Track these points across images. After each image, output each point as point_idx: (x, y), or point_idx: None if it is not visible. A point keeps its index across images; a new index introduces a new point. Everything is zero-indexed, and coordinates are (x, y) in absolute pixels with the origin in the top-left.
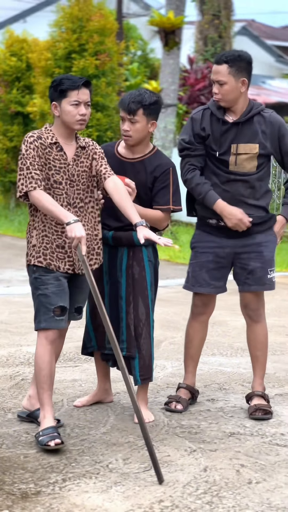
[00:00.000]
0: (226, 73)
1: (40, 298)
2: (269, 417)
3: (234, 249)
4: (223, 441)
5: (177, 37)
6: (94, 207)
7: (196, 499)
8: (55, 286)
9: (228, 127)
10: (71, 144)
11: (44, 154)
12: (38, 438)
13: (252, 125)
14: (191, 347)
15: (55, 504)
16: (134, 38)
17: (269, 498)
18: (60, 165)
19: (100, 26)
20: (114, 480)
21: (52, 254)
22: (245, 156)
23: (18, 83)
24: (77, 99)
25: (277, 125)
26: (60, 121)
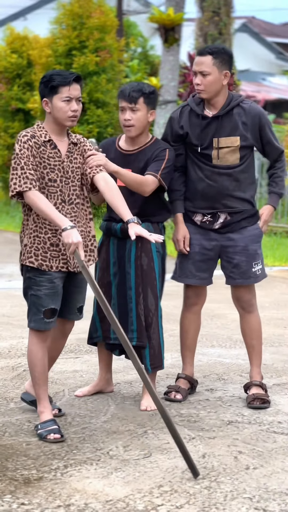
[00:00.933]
0: (211, 64)
1: (32, 298)
2: (267, 406)
3: (220, 242)
4: (221, 429)
5: (177, 34)
6: (85, 204)
7: (194, 484)
8: (48, 289)
9: (208, 121)
10: (63, 140)
11: (39, 153)
12: (37, 431)
13: (232, 117)
14: (187, 338)
15: (57, 489)
16: (134, 35)
17: (266, 483)
18: (55, 162)
19: (100, 23)
20: (115, 466)
21: (44, 254)
22: (227, 149)
23: (19, 80)
24: (68, 95)
25: (257, 115)
26: (52, 117)
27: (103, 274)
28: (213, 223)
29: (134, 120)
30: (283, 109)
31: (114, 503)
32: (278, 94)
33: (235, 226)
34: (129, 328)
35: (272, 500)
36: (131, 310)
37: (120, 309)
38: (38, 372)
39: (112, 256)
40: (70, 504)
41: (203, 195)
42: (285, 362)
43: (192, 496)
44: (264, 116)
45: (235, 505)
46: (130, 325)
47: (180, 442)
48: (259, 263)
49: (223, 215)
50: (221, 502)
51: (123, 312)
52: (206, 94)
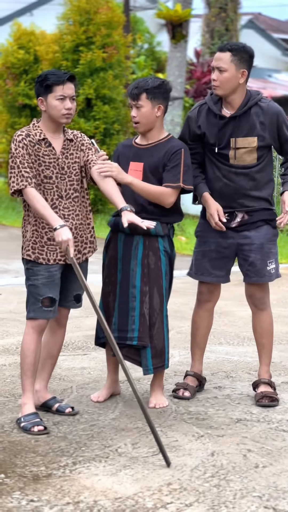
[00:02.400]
0: (228, 61)
1: (30, 288)
2: (275, 404)
3: (236, 240)
4: (230, 427)
5: (184, 30)
6: (85, 196)
7: (204, 482)
8: (45, 278)
9: (225, 121)
10: (59, 137)
11: (34, 151)
12: (20, 424)
13: (249, 117)
14: (197, 335)
15: (66, 486)
16: (141, 31)
17: (275, 482)
18: (50, 160)
19: (107, 19)
20: (123, 463)
21: (42, 248)
22: (244, 150)
23: (26, 75)
24: (62, 93)
25: (275, 114)
26: (47, 115)
27: (110, 272)
28: (230, 221)
29: (139, 117)
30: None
31: (123, 500)
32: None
33: (252, 225)
34: (129, 328)
35: (282, 499)
36: (133, 309)
37: (121, 308)
38: (28, 363)
39: (119, 252)
40: (79, 501)
41: (221, 194)
42: None
43: (201, 494)
44: (282, 114)
45: (245, 503)
46: (131, 324)
47: (153, 428)
48: (273, 262)
49: (241, 214)
50: (231, 500)
51: (124, 310)
52: (221, 90)
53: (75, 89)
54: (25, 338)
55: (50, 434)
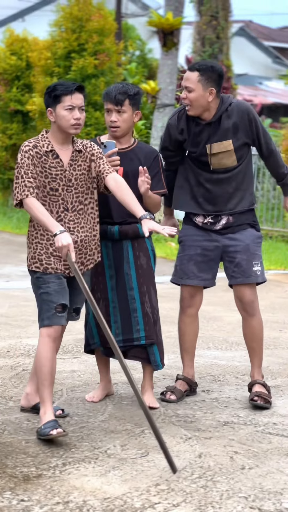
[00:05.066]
0: (196, 81)
1: (43, 296)
2: (268, 407)
3: (222, 243)
4: (217, 429)
5: (176, 38)
6: (94, 207)
7: (191, 483)
8: (57, 285)
9: (201, 128)
10: (67, 149)
11: (40, 163)
12: (39, 432)
13: (221, 122)
14: (184, 341)
15: (56, 486)
16: (132, 38)
17: (261, 483)
18: (57, 172)
19: (99, 26)
20: (112, 464)
21: (48, 259)
22: (221, 154)
23: (18, 81)
24: (70, 103)
25: (245, 112)
26: (56, 126)
27: (97, 279)
28: (215, 224)
29: (120, 121)
30: (280, 113)
31: (112, 500)
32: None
33: (237, 227)
34: (134, 329)
35: (267, 500)
36: (135, 310)
37: (122, 311)
38: (45, 373)
39: (107, 259)
40: (68, 501)
41: (204, 199)
42: (280, 365)
43: (189, 495)
44: (251, 111)
45: (231, 504)
46: (136, 325)
47: (159, 438)
48: (259, 264)
49: (225, 217)
50: (217, 501)
51: (125, 314)
52: (192, 110)
53: (84, 100)
54: (41, 347)
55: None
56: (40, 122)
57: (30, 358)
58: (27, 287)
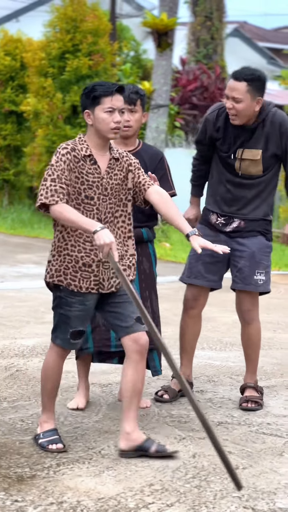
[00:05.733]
0: (244, 91)
1: (61, 317)
2: (258, 408)
3: (229, 245)
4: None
5: (170, 39)
6: (125, 221)
7: (185, 483)
8: (79, 310)
9: (238, 131)
10: (105, 155)
11: (77, 168)
12: (37, 441)
13: (257, 130)
14: (183, 341)
15: (50, 486)
16: (127, 39)
17: (254, 483)
18: (94, 179)
19: (93, 27)
20: (106, 465)
21: (74, 274)
22: (248, 161)
23: (12, 82)
24: (111, 105)
25: (278, 122)
26: (94, 130)
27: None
28: (226, 226)
29: (133, 121)
30: None
31: (106, 500)
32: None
33: (247, 233)
34: None
35: (260, 499)
36: None
37: None
38: (50, 388)
39: None
40: (62, 502)
41: (222, 198)
42: (274, 365)
43: (183, 495)
44: (286, 123)
45: (225, 503)
46: None
47: (220, 450)
48: (263, 273)
49: (238, 221)
50: (211, 500)
51: None
52: (238, 120)
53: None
54: (49, 361)
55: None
56: (35, 123)
57: (24, 359)
58: (22, 288)
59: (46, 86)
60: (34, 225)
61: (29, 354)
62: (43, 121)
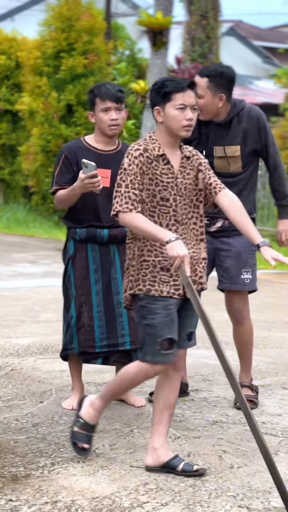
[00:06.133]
0: (205, 87)
1: (147, 328)
2: (253, 408)
3: (214, 245)
4: (206, 428)
5: (165, 38)
6: (197, 223)
7: (179, 482)
8: (163, 316)
9: (210, 129)
10: (176, 153)
11: (150, 169)
12: (73, 430)
13: (232, 126)
14: None
15: (44, 486)
16: (122, 37)
17: (249, 482)
18: (168, 179)
19: (88, 26)
20: (101, 464)
21: (153, 279)
22: (227, 159)
23: (7, 81)
24: (182, 102)
25: (255, 118)
26: (164, 127)
27: (82, 283)
28: (210, 226)
29: (120, 119)
30: (270, 113)
31: (100, 500)
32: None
33: (232, 232)
34: (119, 333)
35: (255, 498)
36: (120, 315)
37: (108, 316)
38: (122, 391)
39: (93, 263)
40: (57, 501)
41: None
42: (269, 364)
43: (177, 494)
44: (263, 118)
45: (219, 503)
46: (121, 330)
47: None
48: (250, 272)
49: (222, 220)
50: (206, 500)
51: (111, 318)
52: (202, 115)
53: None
54: (133, 377)
55: (29, 435)
56: (30, 122)
57: (19, 358)
58: (17, 287)
59: (41, 85)
60: (29, 224)
61: (24, 353)
62: (38, 120)
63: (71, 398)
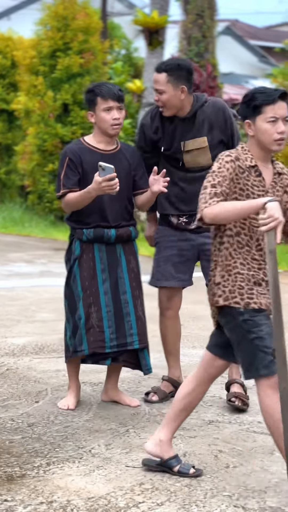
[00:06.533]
0: (165, 82)
1: (256, 342)
2: (245, 409)
3: (197, 241)
4: (202, 428)
5: (161, 37)
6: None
7: (175, 482)
8: (268, 326)
9: (175, 125)
10: (268, 167)
11: (242, 179)
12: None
13: (196, 118)
14: (166, 343)
15: (40, 486)
16: (118, 37)
17: (245, 481)
18: (259, 192)
19: (84, 25)
20: (97, 464)
21: (250, 292)
22: (196, 151)
23: (3, 80)
24: (273, 114)
25: (221, 110)
26: (255, 141)
27: (90, 283)
28: (189, 223)
29: (121, 118)
30: None
31: (96, 500)
32: None
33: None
34: (127, 333)
35: (251, 498)
36: (128, 314)
37: (116, 316)
38: (278, 427)
39: (100, 263)
40: (52, 501)
41: (178, 198)
42: None
43: (173, 494)
44: (228, 109)
45: (215, 502)
46: (129, 329)
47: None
48: None
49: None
50: (201, 499)
51: (119, 318)
52: (167, 111)
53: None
54: (267, 401)
55: (24, 435)
56: (26, 121)
57: (14, 358)
58: (13, 287)
59: (37, 84)
60: (25, 224)
61: (19, 353)
62: (34, 120)
63: (67, 398)
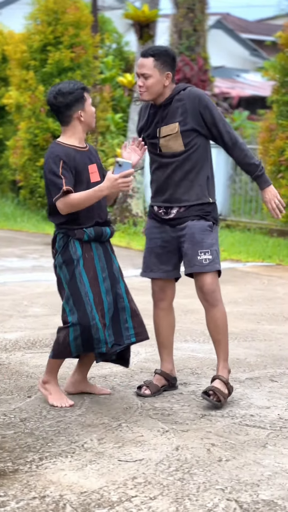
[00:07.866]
0: (152, 66)
1: None
2: (218, 406)
3: (175, 233)
4: (194, 422)
5: (152, 31)
6: None
7: (168, 476)
8: None
9: (155, 110)
10: None
11: None
12: None
13: (171, 105)
14: (159, 335)
15: (32, 481)
16: (109, 31)
17: (238, 475)
18: None
19: (75, 19)
20: (89, 458)
21: None
22: (168, 137)
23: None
24: None
25: (196, 98)
26: None
27: (94, 284)
28: (167, 214)
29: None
30: (257, 105)
31: (89, 494)
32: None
33: (187, 218)
34: (123, 327)
35: (244, 491)
36: (123, 309)
37: (115, 312)
38: None
39: (99, 262)
40: (45, 496)
41: (157, 187)
42: (258, 357)
43: (166, 488)
44: (204, 97)
45: (208, 496)
46: (124, 324)
47: None
48: (208, 252)
49: (176, 208)
50: (194, 493)
51: (115, 313)
52: (148, 95)
53: None
54: None
55: (16, 430)
56: (17, 116)
57: (7, 353)
58: (4, 282)
59: (28, 79)
60: (17, 219)
61: (11, 348)
62: (25, 114)
63: (59, 397)
